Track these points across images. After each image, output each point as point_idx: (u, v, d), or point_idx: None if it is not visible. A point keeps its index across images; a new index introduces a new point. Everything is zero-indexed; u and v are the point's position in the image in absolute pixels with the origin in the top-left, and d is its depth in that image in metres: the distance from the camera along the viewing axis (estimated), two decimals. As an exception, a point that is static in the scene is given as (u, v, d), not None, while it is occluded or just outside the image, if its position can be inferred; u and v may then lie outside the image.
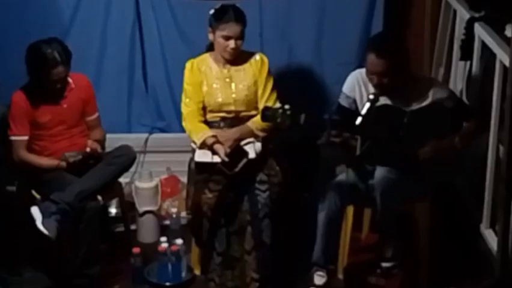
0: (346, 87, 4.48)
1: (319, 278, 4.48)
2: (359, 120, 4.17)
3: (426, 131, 4.31)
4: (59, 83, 4.56)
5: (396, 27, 5.33)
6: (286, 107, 4.13)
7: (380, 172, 4.30)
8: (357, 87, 4.44)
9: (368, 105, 4.22)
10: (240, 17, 4.52)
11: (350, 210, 4.52)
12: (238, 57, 4.61)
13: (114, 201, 5.15)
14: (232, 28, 4.49)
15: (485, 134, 4.52)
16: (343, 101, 4.47)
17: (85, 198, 4.47)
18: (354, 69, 4.59)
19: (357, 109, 4.39)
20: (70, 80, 4.64)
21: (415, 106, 4.32)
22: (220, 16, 4.51)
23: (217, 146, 4.43)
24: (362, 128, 4.18)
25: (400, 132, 4.28)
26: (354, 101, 4.44)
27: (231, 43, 4.52)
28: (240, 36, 4.52)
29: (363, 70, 4.40)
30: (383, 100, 4.31)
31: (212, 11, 4.57)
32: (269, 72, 4.67)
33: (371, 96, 4.24)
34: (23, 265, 4.68)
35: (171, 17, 5.31)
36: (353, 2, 5.29)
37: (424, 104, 4.32)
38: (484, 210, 4.48)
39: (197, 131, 4.56)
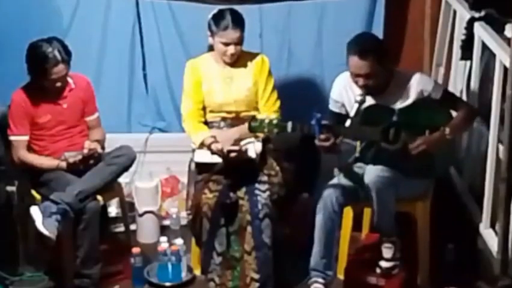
0: (333, 93, 4.50)
1: None
2: (348, 122, 4.19)
3: (417, 126, 4.30)
4: (59, 82, 4.56)
5: (396, 27, 5.33)
6: (272, 116, 4.19)
7: (373, 172, 4.30)
8: (343, 91, 4.44)
9: (356, 106, 4.25)
10: (238, 23, 4.50)
11: (349, 210, 4.52)
12: (239, 58, 4.61)
13: (114, 201, 5.14)
14: (231, 35, 4.49)
15: (485, 134, 4.52)
16: (332, 107, 4.49)
17: (85, 198, 4.47)
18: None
19: (348, 112, 4.39)
20: (70, 80, 4.64)
21: (402, 103, 4.32)
22: (218, 22, 4.50)
23: (215, 145, 4.44)
24: (351, 129, 4.20)
25: (390, 131, 4.28)
26: (343, 105, 4.45)
27: (230, 49, 4.52)
28: (239, 42, 4.52)
29: (347, 73, 4.40)
30: (370, 100, 4.32)
31: (210, 16, 4.56)
32: (269, 73, 4.67)
33: (358, 98, 4.27)
34: (23, 265, 4.69)
35: (171, 18, 5.30)
36: (353, 2, 5.29)
37: (410, 99, 4.32)
38: (484, 210, 4.49)
39: (196, 132, 4.56)
